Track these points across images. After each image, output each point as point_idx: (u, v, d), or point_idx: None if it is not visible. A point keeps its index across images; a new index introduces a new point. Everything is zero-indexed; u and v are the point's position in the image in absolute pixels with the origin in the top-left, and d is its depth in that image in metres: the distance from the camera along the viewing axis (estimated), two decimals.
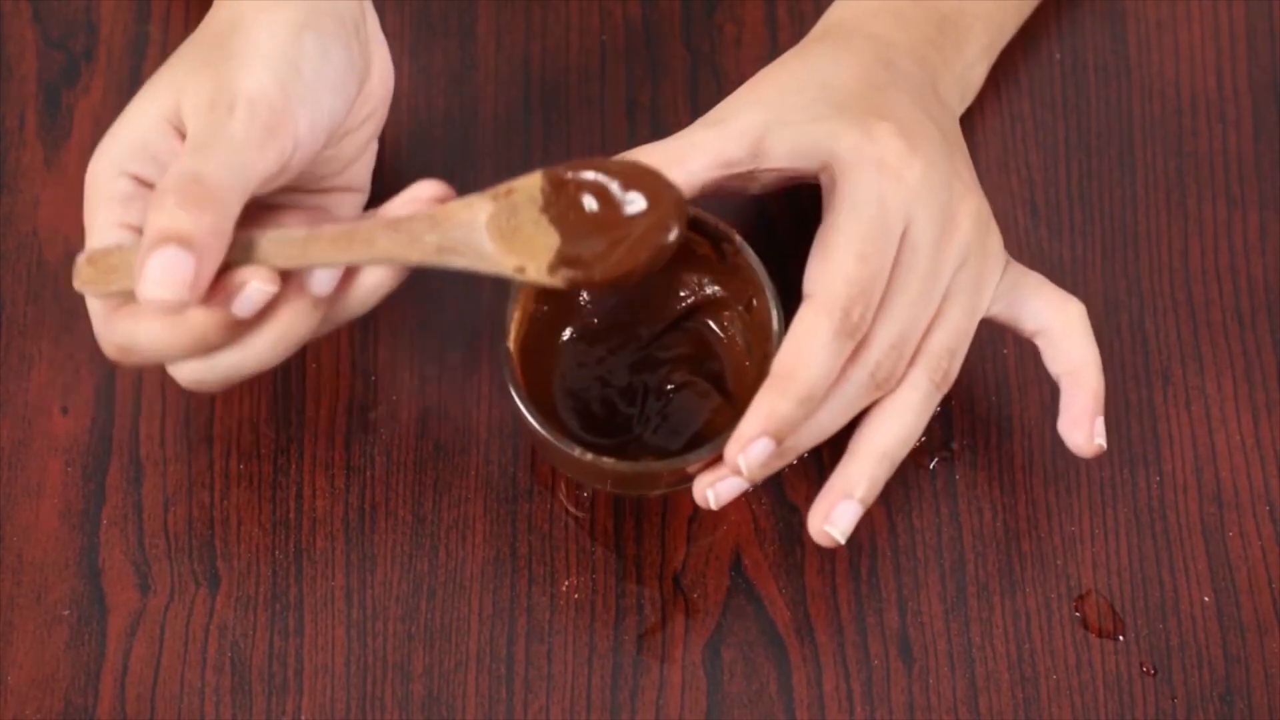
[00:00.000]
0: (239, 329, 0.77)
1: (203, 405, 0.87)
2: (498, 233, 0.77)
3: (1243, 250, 0.90)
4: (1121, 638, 0.84)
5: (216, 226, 0.74)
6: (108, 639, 0.84)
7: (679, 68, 0.92)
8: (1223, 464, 0.87)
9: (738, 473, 0.78)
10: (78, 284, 0.77)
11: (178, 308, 0.74)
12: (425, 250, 0.76)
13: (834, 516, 0.80)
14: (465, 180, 0.90)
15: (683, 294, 0.84)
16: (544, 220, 0.77)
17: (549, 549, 0.85)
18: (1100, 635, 0.84)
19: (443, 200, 0.78)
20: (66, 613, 0.84)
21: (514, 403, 0.79)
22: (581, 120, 0.91)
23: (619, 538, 0.85)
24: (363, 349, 0.88)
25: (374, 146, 0.84)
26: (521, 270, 0.76)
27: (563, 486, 0.86)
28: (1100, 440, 0.82)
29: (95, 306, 0.79)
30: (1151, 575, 0.85)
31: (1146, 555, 0.86)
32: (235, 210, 0.75)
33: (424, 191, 0.78)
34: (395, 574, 0.85)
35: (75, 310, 0.88)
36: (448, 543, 0.85)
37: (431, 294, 0.89)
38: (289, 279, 0.77)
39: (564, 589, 0.85)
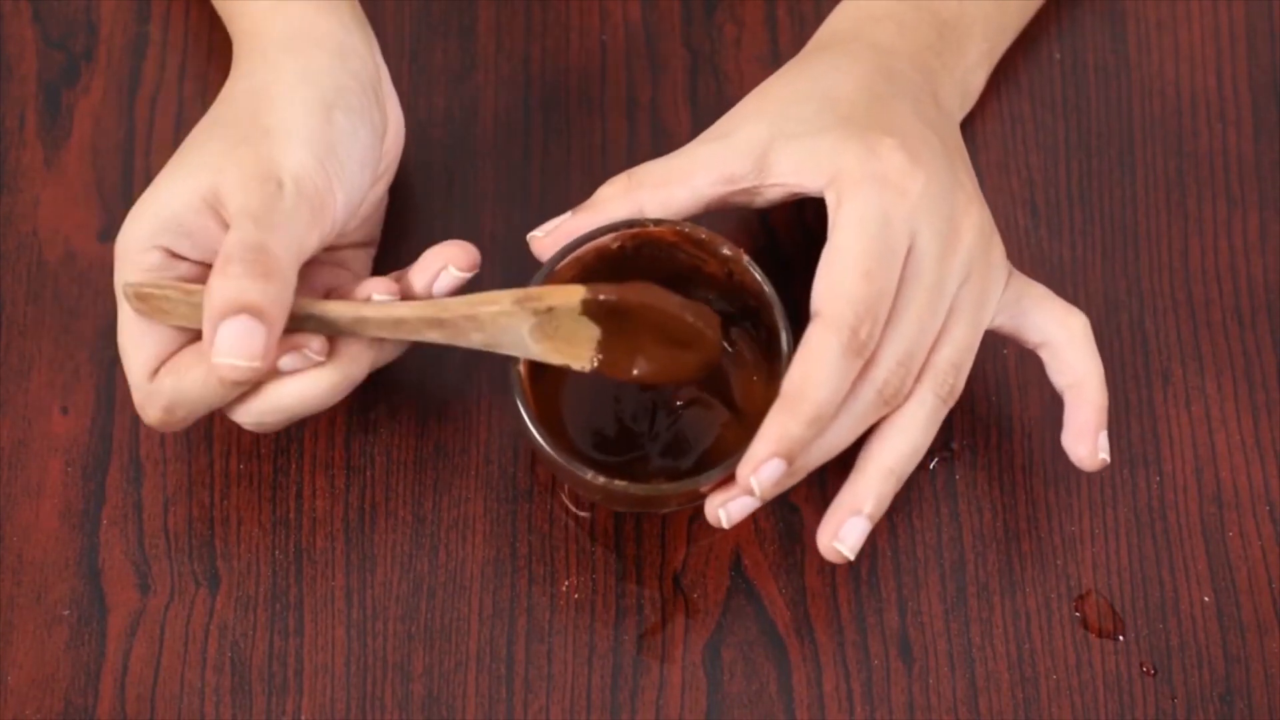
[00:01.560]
0: (281, 376, 0.79)
1: None
2: (540, 334, 0.79)
3: (1243, 250, 0.90)
4: (1121, 638, 0.84)
5: (281, 297, 0.76)
6: (108, 639, 0.84)
7: (679, 68, 0.92)
8: (1223, 464, 0.87)
9: (750, 493, 0.78)
10: (135, 316, 0.79)
11: (250, 376, 0.77)
12: (471, 343, 0.80)
13: (843, 533, 0.80)
14: (465, 180, 0.90)
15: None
16: (584, 319, 0.80)
17: (549, 549, 0.85)
18: (1100, 635, 0.84)
19: (468, 269, 0.81)
20: (66, 613, 0.84)
21: (525, 426, 0.79)
22: (581, 120, 0.91)
23: (619, 538, 0.85)
24: None
25: (385, 200, 0.85)
26: (566, 364, 0.80)
27: (563, 487, 0.86)
28: (1104, 454, 0.82)
29: (135, 373, 0.80)
30: (1151, 575, 0.85)
31: (1146, 555, 0.85)
32: (294, 282, 0.77)
33: (443, 256, 0.81)
34: (395, 574, 0.85)
35: (75, 310, 0.88)
36: (448, 543, 0.85)
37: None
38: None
39: (564, 589, 0.85)
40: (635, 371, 0.80)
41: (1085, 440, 0.82)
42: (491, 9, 0.93)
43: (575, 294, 0.79)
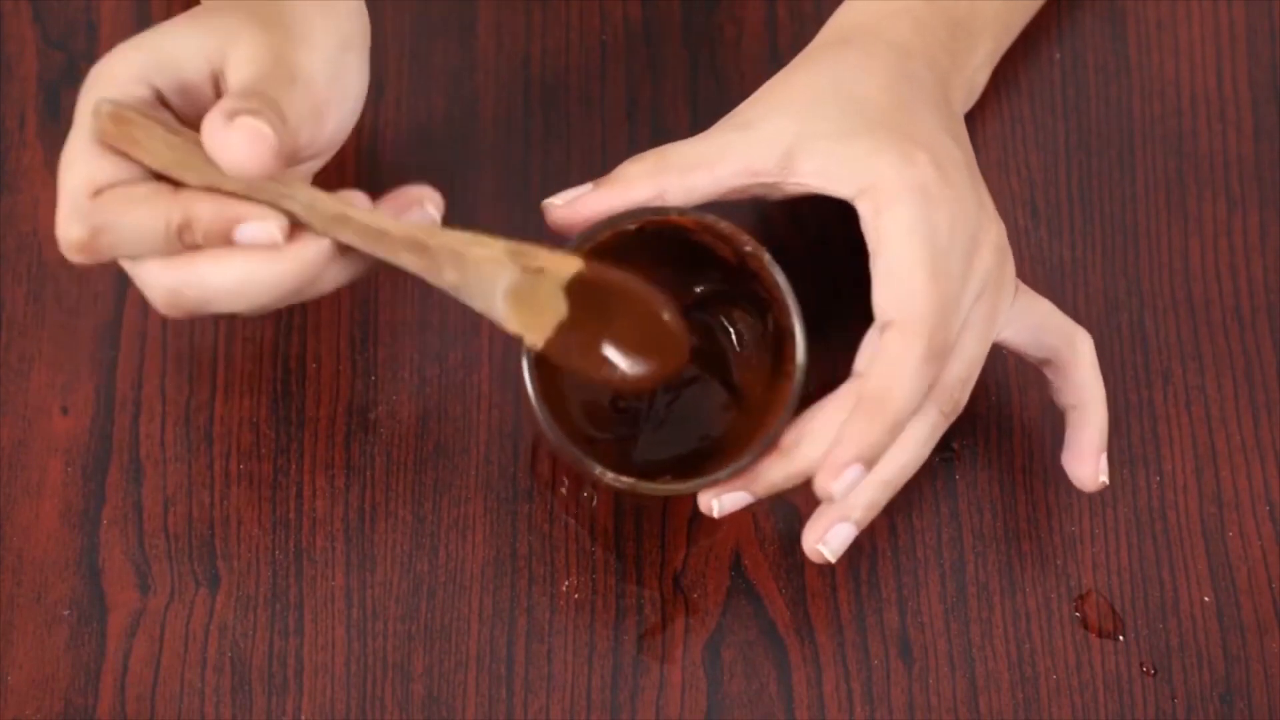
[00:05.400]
0: (227, 247, 0.74)
1: (203, 405, 0.87)
2: (514, 297, 0.77)
3: (1243, 250, 0.90)
4: (1121, 638, 0.84)
5: (286, 149, 0.73)
6: (108, 639, 0.84)
7: (679, 68, 0.92)
8: (1223, 464, 0.87)
9: (830, 500, 0.78)
10: (93, 138, 0.74)
11: (253, 168, 0.72)
12: (442, 282, 0.77)
13: (828, 537, 0.80)
14: (465, 180, 0.90)
15: (697, 288, 0.84)
16: (559, 295, 0.78)
17: (549, 549, 0.85)
18: (1100, 635, 0.84)
19: (439, 211, 0.77)
20: (66, 613, 0.84)
21: (537, 418, 0.78)
22: (581, 120, 0.91)
23: (619, 538, 0.85)
24: (363, 349, 0.88)
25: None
26: (521, 334, 0.77)
27: (563, 487, 0.86)
28: (1103, 477, 0.82)
29: (74, 186, 0.75)
30: (1151, 575, 0.85)
31: (1146, 555, 0.85)
32: (290, 150, 0.74)
33: (420, 193, 0.77)
34: (395, 574, 0.85)
35: (75, 310, 0.88)
36: (448, 543, 0.85)
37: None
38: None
39: (564, 589, 0.85)
40: (578, 364, 0.79)
41: (1087, 462, 0.82)
42: (491, 9, 0.93)
43: (571, 265, 0.78)
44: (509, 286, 0.77)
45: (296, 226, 0.75)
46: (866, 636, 0.84)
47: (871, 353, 0.79)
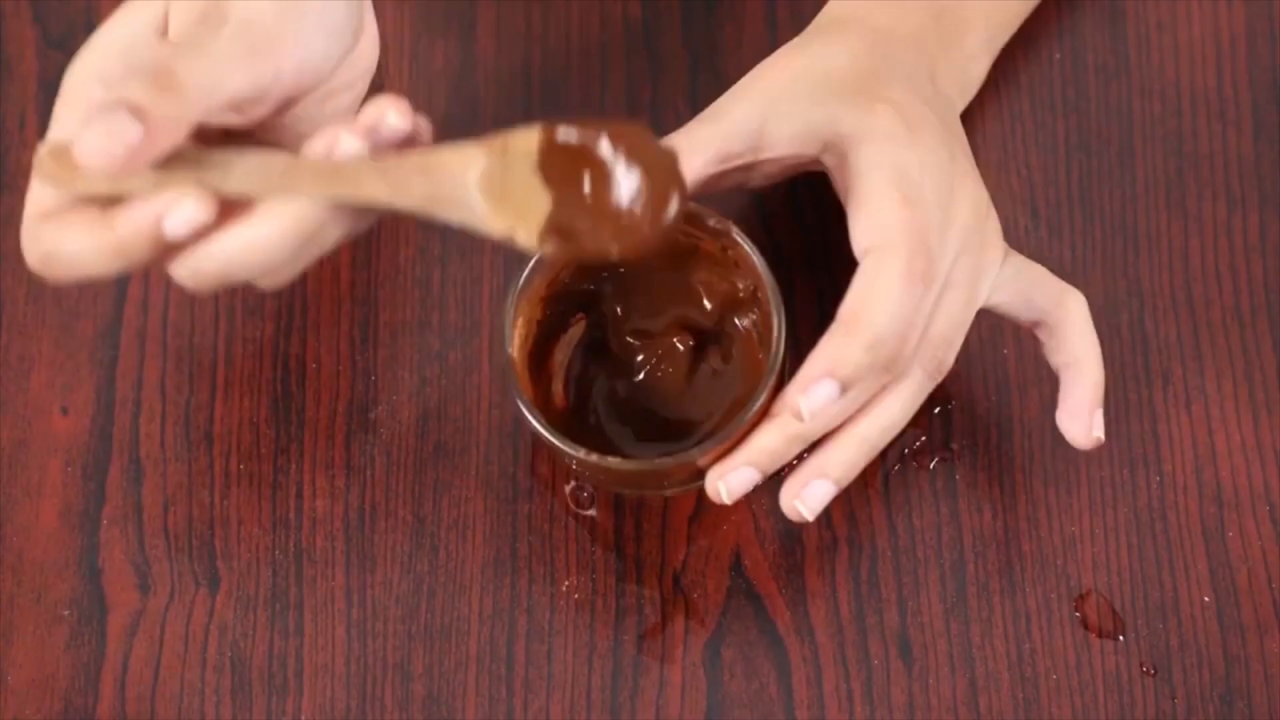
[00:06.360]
0: (171, 249, 0.73)
1: (203, 405, 0.87)
2: (490, 191, 0.73)
3: (1243, 250, 0.90)
4: (1121, 638, 0.84)
5: (174, 114, 0.72)
6: (108, 639, 0.84)
7: (679, 68, 0.92)
8: (1223, 464, 0.87)
9: (799, 418, 0.77)
10: (38, 176, 0.74)
11: (111, 165, 0.71)
12: (412, 199, 0.73)
13: (805, 494, 0.79)
14: None
15: (707, 303, 0.84)
16: (537, 181, 0.74)
17: (549, 549, 0.85)
18: (1100, 635, 0.84)
19: (408, 134, 0.74)
20: (66, 613, 0.84)
21: (520, 408, 0.79)
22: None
23: (619, 538, 0.85)
24: (363, 349, 0.88)
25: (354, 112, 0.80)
26: (511, 232, 0.73)
27: (563, 487, 0.86)
28: (1098, 433, 0.82)
29: (31, 208, 0.75)
30: (1151, 575, 0.85)
31: (1146, 555, 0.85)
32: (196, 111, 0.72)
33: (385, 115, 0.74)
34: (395, 574, 0.85)
35: (75, 310, 0.88)
36: (448, 543, 0.85)
37: (432, 294, 0.89)
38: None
39: (564, 589, 0.85)
40: (588, 244, 0.74)
41: (1080, 418, 0.82)
42: (491, 9, 0.93)
43: (531, 137, 0.73)
44: (481, 175, 0.73)
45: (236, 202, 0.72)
46: (866, 636, 0.84)
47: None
